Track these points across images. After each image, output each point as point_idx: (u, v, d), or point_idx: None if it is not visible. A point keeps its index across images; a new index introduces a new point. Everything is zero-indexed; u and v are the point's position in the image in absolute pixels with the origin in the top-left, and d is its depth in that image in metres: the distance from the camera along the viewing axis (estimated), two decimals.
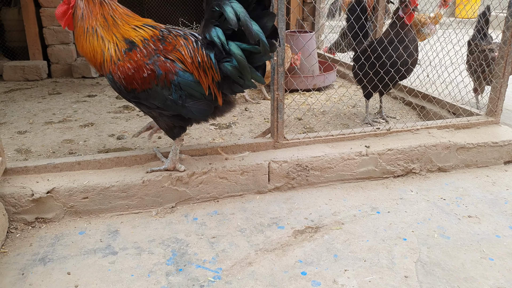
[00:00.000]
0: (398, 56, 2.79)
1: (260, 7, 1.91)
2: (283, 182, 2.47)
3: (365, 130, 2.71)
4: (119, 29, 2.01)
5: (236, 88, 2.11)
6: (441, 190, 2.53)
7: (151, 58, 1.96)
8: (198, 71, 2.00)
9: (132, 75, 1.96)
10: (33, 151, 2.74)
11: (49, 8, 4.64)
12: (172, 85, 1.98)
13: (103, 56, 1.98)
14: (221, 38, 1.95)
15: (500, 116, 2.90)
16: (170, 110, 2.04)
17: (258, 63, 2.03)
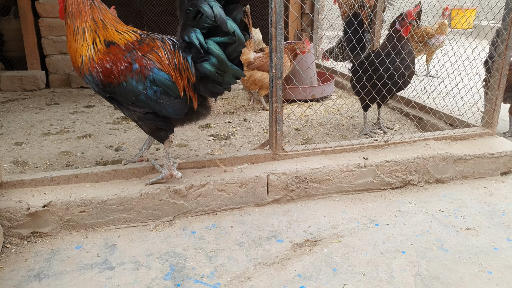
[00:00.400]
0: (395, 68, 2.81)
1: (228, 2, 2.02)
2: (282, 195, 2.46)
3: (363, 142, 2.71)
4: (107, 33, 2.08)
5: (215, 88, 2.17)
6: (439, 201, 2.53)
7: (130, 52, 2.05)
8: (174, 72, 2.07)
9: (110, 68, 2.03)
10: (30, 163, 2.73)
11: (48, 19, 4.66)
12: (147, 80, 2.05)
13: (81, 58, 2.05)
14: (199, 38, 2.04)
15: (496, 127, 2.91)
16: (144, 106, 2.09)
17: (233, 55, 2.10)
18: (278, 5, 2.25)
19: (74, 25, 2.06)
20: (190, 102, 2.15)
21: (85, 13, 2.06)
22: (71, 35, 2.08)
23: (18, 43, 5.01)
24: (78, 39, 2.06)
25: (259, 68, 3.68)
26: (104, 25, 2.08)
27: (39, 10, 4.62)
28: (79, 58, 2.06)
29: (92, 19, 2.07)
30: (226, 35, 2.02)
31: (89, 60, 2.04)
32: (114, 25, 2.12)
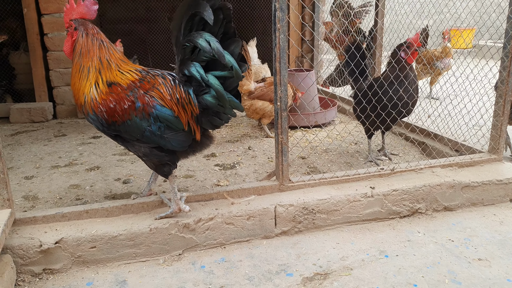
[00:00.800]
0: (399, 98, 2.85)
1: (226, 37, 2.11)
2: (290, 226, 2.47)
3: (369, 170, 2.73)
4: (111, 73, 2.13)
5: (216, 121, 2.24)
6: (448, 230, 2.52)
7: (132, 91, 2.10)
8: (177, 107, 2.13)
9: (113, 107, 2.08)
10: (40, 197, 2.76)
11: (56, 52, 4.77)
12: (151, 117, 2.10)
13: (84, 98, 2.10)
14: (200, 71, 2.10)
15: (502, 153, 2.92)
16: (149, 141, 2.14)
17: (232, 87, 2.18)
18: (282, 41, 2.31)
19: (80, 64, 2.13)
20: (194, 134, 2.20)
21: (93, 53, 2.13)
22: (76, 73, 2.14)
23: (27, 76, 5.12)
24: (82, 78, 2.12)
25: (260, 97, 3.74)
26: (108, 65, 2.14)
27: (47, 44, 4.74)
28: (82, 96, 2.11)
29: (98, 58, 2.13)
30: (225, 69, 2.10)
31: (91, 100, 2.09)
32: (118, 64, 2.17)
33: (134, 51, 7.87)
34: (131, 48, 7.95)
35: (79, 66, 2.13)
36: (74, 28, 2.14)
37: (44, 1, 4.63)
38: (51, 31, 4.72)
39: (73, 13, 2.15)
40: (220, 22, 2.08)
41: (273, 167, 3.19)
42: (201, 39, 2.02)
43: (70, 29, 2.14)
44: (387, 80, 2.89)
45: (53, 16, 4.69)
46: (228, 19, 2.10)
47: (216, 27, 2.08)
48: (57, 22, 4.69)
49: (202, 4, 2.00)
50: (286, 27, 2.30)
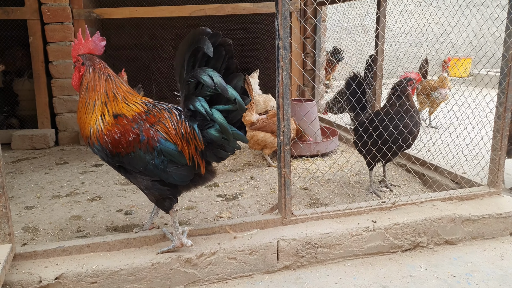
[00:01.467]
0: (399, 133, 2.89)
1: (228, 72, 2.17)
2: (292, 261, 2.46)
3: (371, 204, 2.74)
4: (117, 105, 2.17)
5: (220, 153, 2.27)
6: (450, 265, 2.52)
7: (137, 123, 2.13)
8: (181, 141, 2.16)
9: (118, 139, 2.11)
10: (40, 229, 2.75)
11: (60, 79, 4.85)
12: (154, 150, 2.13)
13: (90, 130, 2.14)
14: (204, 106, 2.15)
15: (501, 186, 2.95)
16: (151, 175, 2.16)
17: (235, 119, 2.23)
18: (285, 78, 2.36)
19: (86, 98, 2.17)
20: (198, 168, 2.23)
21: (99, 87, 2.18)
22: (82, 107, 2.18)
23: (30, 102, 5.18)
24: (88, 111, 2.16)
25: (262, 129, 3.79)
26: (115, 97, 2.18)
27: (52, 71, 4.81)
28: (88, 129, 2.15)
29: (104, 92, 2.17)
30: (228, 103, 2.15)
31: (97, 131, 2.12)
32: (125, 96, 2.22)
33: (138, 78, 7.99)
34: (135, 75, 8.07)
35: (85, 101, 2.17)
36: (82, 63, 2.19)
37: (50, 30, 4.74)
38: (56, 59, 4.81)
39: (81, 48, 2.21)
40: (222, 58, 2.14)
41: (276, 198, 3.21)
42: (204, 75, 2.08)
43: (78, 63, 2.20)
44: (387, 115, 2.94)
45: (59, 44, 4.79)
46: (230, 54, 2.16)
47: (219, 63, 2.14)
48: (62, 50, 4.79)
49: (202, 39, 2.06)
50: (289, 64, 2.36)
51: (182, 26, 8.18)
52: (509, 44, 2.72)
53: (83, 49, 2.21)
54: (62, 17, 4.72)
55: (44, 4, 4.64)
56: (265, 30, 6.45)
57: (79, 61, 2.20)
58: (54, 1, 4.66)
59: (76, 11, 4.78)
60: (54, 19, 4.70)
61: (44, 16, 4.67)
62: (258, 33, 6.69)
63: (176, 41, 8.26)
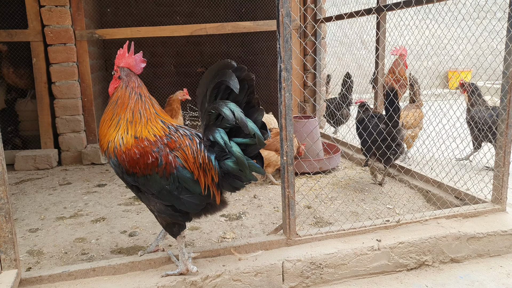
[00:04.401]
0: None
1: (249, 105, 2.17)
2: (297, 282, 2.45)
3: (375, 223, 2.74)
4: (140, 127, 2.16)
5: (237, 184, 2.24)
6: (456, 284, 2.50)
7: (157, 147, 2.12)
8: (198, 171, 2.15)
9: (136, 160, 2.10)
10: (45, 252, 2.75)
11: (63, 100, 4.89)
12: (171, 177, 2.12)
13: (108, 144, 2.14)
14: (224, 138, 2.14)
15: (506, 203, 2.94)
16: (164, 199, 2.15)
17: (253, 153, 2.21)
18: (287, 99, 2.39)
19: (113, 112, 2.17)
20: (213, 198, 2.21)
21: (127, 106, 2.18)
22: (107, 120, 2.18)
23: (33, 123, 5.22)
24: (112, 126, 2.16)
25: (265, 147, 3.79)
26: (140, 118, 2.17)
27: (55, 92, 4.86)
28: (107, 142, 2.15)
29: (131, 111, 2.17)
30: (247, 136, 2.14)
31: (115, 147, 2.12)
32: (150, 118, 2.20)
33: None
34: None
35: (112, 115, 2.17)
36: (118, 77, 2.22)
37: (53, 51, 4.80)
38: (59, 80, 4.86)
39: (122, 61, 2.24)
40: (245, 92, 2.14)
41: (279, 217, 3.21)
42: (225, 108, 2.07)
43: (116, 74, 2.23)
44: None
45: (61, 65, 4.84)
46: (251, 89, 2.16)
47: (241, 97, 2.13)
48: (65, 71, 4.84)
49: (228, 73, 2.07)
50: (291, 86, 2.39)
51: (183, 44, 8.28)
52: (509, 61, 2.75)
53: (123, 62, 2.23)
54: (65, 39, 4.79)
55: (47, 26, 4.71)
56: (266, 47, 6.52)
57: (117, 72, 2.22)
58: (57, 22, 4.73)
59: (78, 32, 4.85)
60: (57, 40, 4.77)
61: (47, 37, 4.74)
62: (259, 50, 6.76)
63: (177, 58, 8.36)
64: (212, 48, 8.26)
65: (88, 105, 5.06)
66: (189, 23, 5.85)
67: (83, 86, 5.00)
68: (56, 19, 4.71)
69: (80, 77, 4.98)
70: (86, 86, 5.02)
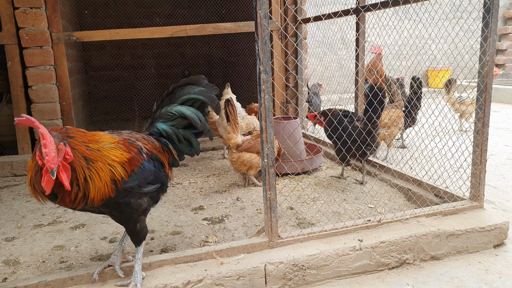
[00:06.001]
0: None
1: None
2: (280, 284, 2.45)
3: (357, 223, 2.75)
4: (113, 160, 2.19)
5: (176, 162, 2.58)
6: (436, 281, 2.54)
7: (136, 148, 2.31)
8: (158, 151, 2.43)
9: (133, 166, 2.22)
10: (21, 261, 2.68)
11: (40, 104, 4.78)
12: (150, 159, 2.33)
13: (109, 183, 2.13)
14: (161, 126, 2.51)
15: (483, 200, 3.00)
16: (156, 181, 2.33)
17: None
18: (267, 101, 2.38)
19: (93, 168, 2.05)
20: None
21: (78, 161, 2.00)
22: (94, 177, 2.03)
23: (9, 128, 5.09)
24: (101, 176, 2.05)
25: (248, 150, 3.79)
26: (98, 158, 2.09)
27: (32, 96, 4.74)
28: (111, 183, 2.09)
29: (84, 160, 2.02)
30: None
31: (121, 179, 2.14)
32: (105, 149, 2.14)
33: (120, 98, 7.93)
34: (117, 95, 8.04)
35: (95, 169, 2.05)
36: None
37: (29, 54, 4.68)
38: (36, 83, 4.74)
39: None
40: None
41: (262, 219, 3.20)
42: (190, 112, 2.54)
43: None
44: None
45: (38, 69, 4.73)
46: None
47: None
48: (42, 75, 4.73)
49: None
50: (270, 88, 2.38)
51: (164, 45, 8.21)
52: (484, 61, 2.80)
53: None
54: (41, 41, 4.68)
55: (22, 29, 4.60)
56: (247, 48, 6.52)
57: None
58: (33, 25, 4.62)
59: (55, 34, 4.75)
60: (32, 43, 4.66)
61: (22, 40, 4.62)
62: (240, 52, 6.75)
63: (158, 60, 8.28)
64: (193, 49, 8.22)
65: (67, 109, 4.96)
66: (170, 25, 5.80)
67: (61, 89, 4.90)
68: (32, 21, 4.60)
69: (58, 80, 4.87)
70: (64, 89, 4.92)
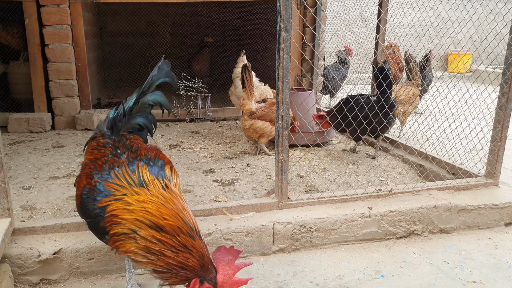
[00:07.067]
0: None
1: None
2: (287, 244, 2.48)
3: (368, 191, 2.76)
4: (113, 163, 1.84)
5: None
6: (444, 253, 2.54)
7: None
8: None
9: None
10: (38, 208, 2.75)
11: (56, 63, 4.80)
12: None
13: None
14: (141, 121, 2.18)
15: (499, 178, 2.97)
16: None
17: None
18: (285, 60, 2.36)
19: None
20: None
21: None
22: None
23: (26, 86, 5.13)
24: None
25: (261, 117, 3.78)
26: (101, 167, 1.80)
27: (48, 55, 4.76)
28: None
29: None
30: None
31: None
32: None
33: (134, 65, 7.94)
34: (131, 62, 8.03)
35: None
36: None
37: (46, 12, 4.68)
38: (52, 42, 4.75)
39: None
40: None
41: (271, 184, 3.21)
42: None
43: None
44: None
45: (55, 28, 4.73)
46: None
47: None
48: (59, 34, 4.73)
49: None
50: (290, 47, 2.36)
51: (179, 14, 8.13)
52: None
53: None
54: (58, 0, 4.67)
55: None
56: (264, 19, 6.43)
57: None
58: None
59: None
60: (50, 1, 4.63)
61: None
62: (257, 22, 6.65)
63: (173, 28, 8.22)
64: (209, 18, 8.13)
65: (82, 70, 4.99)
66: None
67: (77, 50, 4.91)
68: None
69: (74, 41, 4.88)
70: (80, 50, 4.93)
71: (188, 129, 4.94)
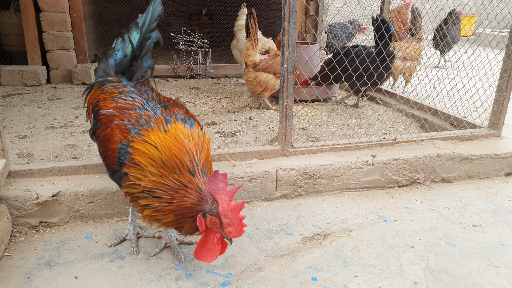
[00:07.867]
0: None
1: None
2: (290, 190, 2.46)
3: (371, 140, 2.73)
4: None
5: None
6: (445, 200, 2.55)
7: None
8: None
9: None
10: (35, 155, 2.70)
11: (50, 13, 4.63)
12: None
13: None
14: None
15: (502, 129, 2.94)
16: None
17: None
18: None
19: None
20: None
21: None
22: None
23: (18, 37, 4.95)
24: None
25: (265, 69, 3.69)
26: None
27: (40, 4, 4.58)
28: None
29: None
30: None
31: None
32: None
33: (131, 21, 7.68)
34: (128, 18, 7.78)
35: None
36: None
37: None
38: None
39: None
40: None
41: (274, 136, 3.18)
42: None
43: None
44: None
45: None
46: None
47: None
48: None
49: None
50: None
51: None
52: None
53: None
54: None
55: None
56: None
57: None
58: None
59: None
60: None
61: None
62: None
63: None
64: None
65: (78, 21, 4.81)
66: None
67: (71, 0, 4.73)
68: None
69: None
70: (75, 0, 4.74)
71: (188, 85, 4.85)
